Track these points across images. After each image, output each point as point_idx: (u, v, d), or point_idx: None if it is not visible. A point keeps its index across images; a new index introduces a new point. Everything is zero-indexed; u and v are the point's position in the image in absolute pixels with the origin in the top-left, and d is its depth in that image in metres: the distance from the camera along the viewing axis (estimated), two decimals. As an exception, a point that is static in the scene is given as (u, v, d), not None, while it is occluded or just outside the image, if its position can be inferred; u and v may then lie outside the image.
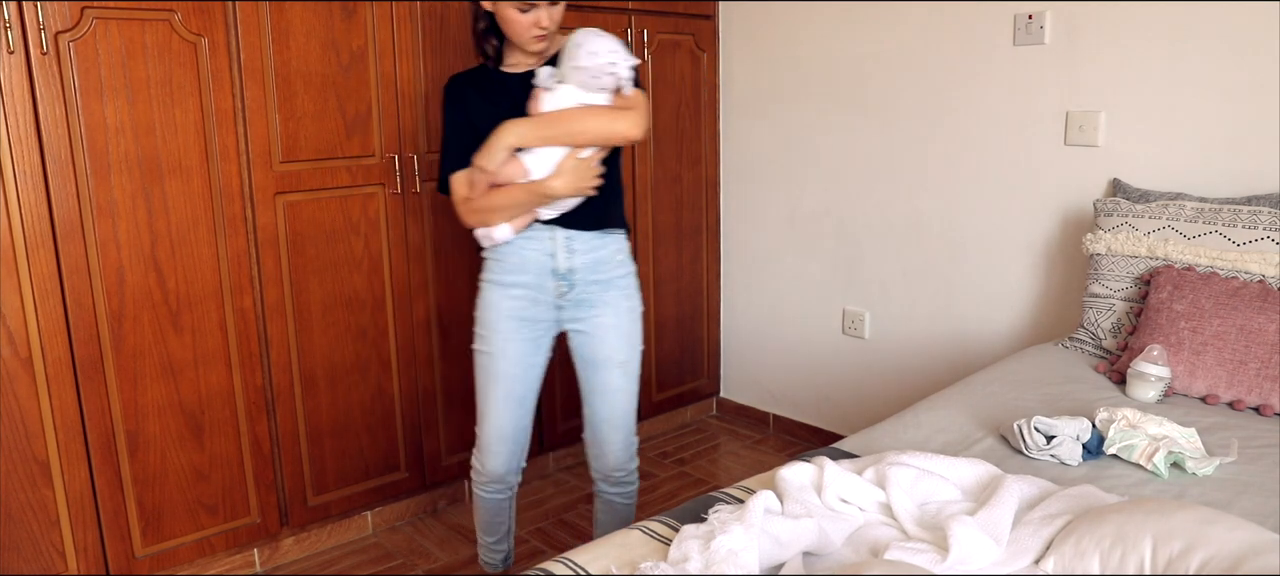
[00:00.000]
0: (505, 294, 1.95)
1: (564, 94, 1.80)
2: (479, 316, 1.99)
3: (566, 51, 1.81)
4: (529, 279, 1.93)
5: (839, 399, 3.21)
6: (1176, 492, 1.47)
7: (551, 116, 1.80)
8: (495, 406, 1.99)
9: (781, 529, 1.25)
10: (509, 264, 1.93)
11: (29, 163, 1.98)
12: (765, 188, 3.30)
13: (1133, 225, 2.20)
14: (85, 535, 2.16)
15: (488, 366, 1.98)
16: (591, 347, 1.98)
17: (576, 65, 1.78)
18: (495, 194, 1.83)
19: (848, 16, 2.94)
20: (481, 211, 1.87)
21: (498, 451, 2.03)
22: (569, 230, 1.91)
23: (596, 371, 2.00)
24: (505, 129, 1.79)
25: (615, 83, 1.82)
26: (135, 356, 2.17)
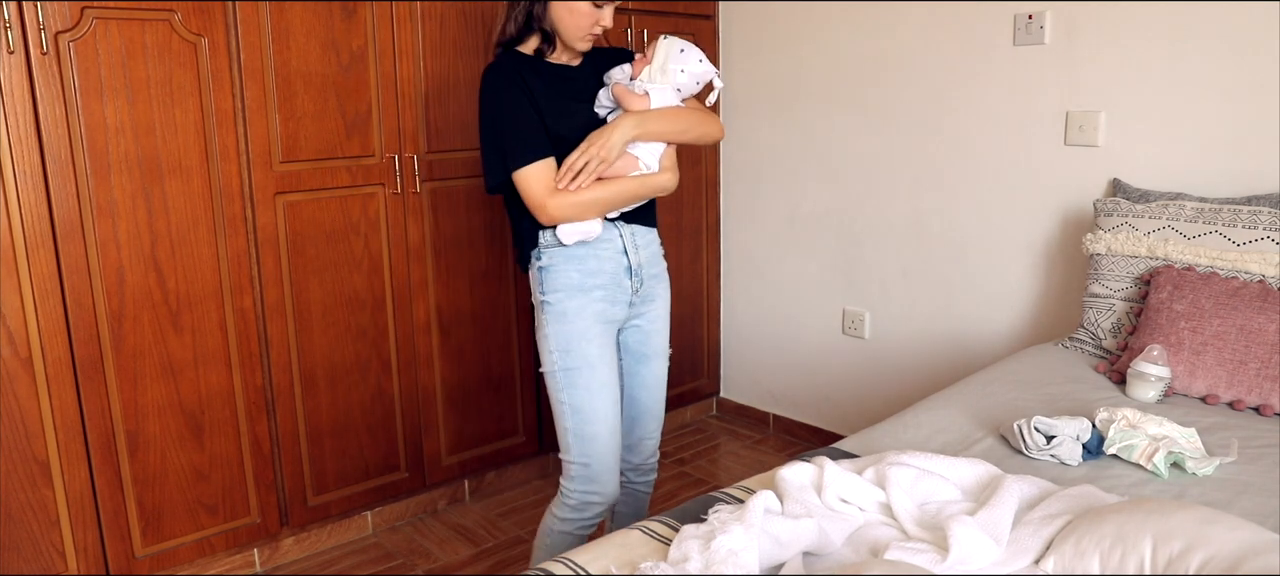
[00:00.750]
0: (589, 299, 1.83)
1: (664, 94, 1.84)
2: (557, 332, 1.82)
3: (669, 54, 1.84)
4: (607, 280, 1.85)
5: (839, 399, 3.21)
6: (1176, 493, 1.47)
7: (668, 113, 1.83)
8: (608, 419, 1.85)
9: (781, 529, 1.25)
10: (588, 266, 1.83)
11: (29, 163, 1.98)
12: (765, 188, 3.30)
13: (1133, 225, 2.20)
14: (85, 535, 2.16)
15: (589, 380, 1.82)
16: (645, 341, 1.97)
17: (684, 68, 1.84)
18: (600, 187, 1.78)
19: (848, 17, 2.94)
20: (579, 205, 1.76)
21: (614, 469, 1.87)
22: (633, 226, 1.90)
23: (647, 364, 1.98)
24: (626, 122, 1.78)
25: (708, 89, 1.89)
26: (135, 356, 2.17)
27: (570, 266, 1.82)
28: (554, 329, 1.83)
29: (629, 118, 1.78)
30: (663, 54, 1.85)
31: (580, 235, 1.79)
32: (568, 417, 1.84)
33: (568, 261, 1.82)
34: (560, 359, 1.83)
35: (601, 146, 1.75)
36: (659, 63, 1.85)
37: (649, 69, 1.85)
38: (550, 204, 1.75)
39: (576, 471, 1.86)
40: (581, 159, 1.75)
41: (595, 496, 1.87)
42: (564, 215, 1.76)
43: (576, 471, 1.86)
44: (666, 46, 1.85)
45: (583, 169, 1.75)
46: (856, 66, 2.94)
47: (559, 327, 1.82)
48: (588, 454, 1.85)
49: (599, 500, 1.87)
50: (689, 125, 1.86)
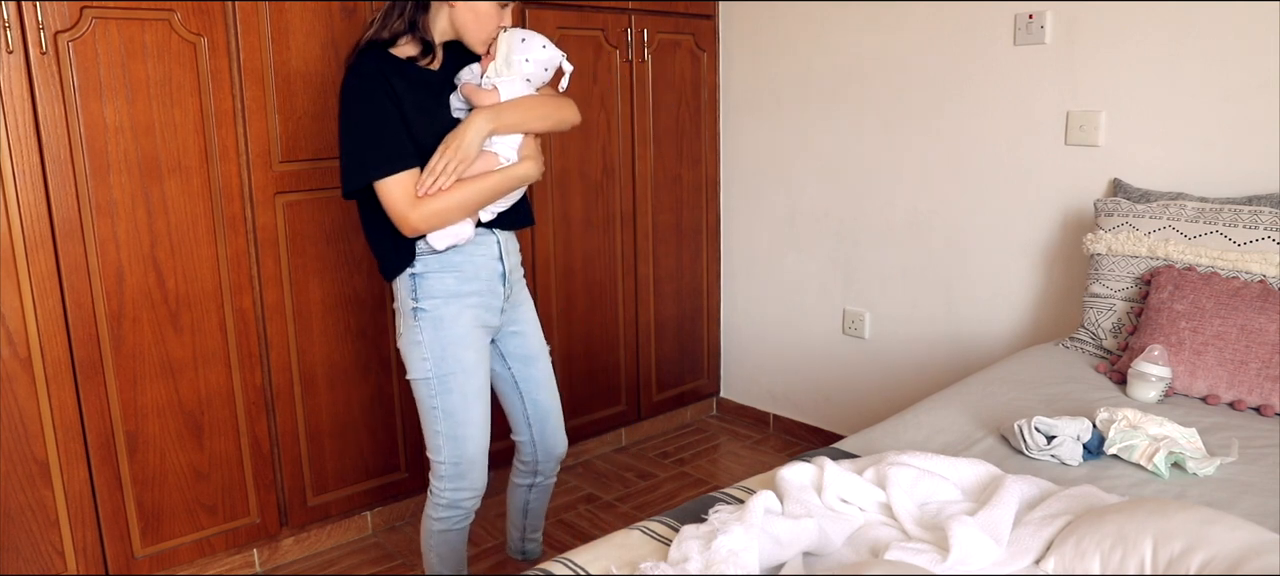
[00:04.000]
0: (464, 305, 1.83)
1: (513, 86, 1.82)
2: (433, 339, 1.81)
3: (511, 45, 1.82)
4: (482, 286, 1.86)
5: (839, 399, 3.21)
6: (1177, 493, 1.47)
7: (522, 103, 1.81)
8: (479, 423, 1.87)
9: (782, 529, 1.25)
10: (464, 272, 1.82)
11: (28, 163, 1.97)
12: (765, 188, 3.30)
13: (1133, 225, 2.19)
14: (84, 535, 2.16)
15: (464, 386, 1.84)
16: (526, 344, 2.01)
17: (529, 57, 1.82)
18: (460, 188, 1.74)
19: (848, 16, 2.94)
20: (443, 210, 1.73)
21: (482, 467, 1.92)
22: (506, 232, 1.91)
23: (534, 365, 2.03)
24: (479, 118, 1.75)
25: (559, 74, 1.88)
26: (134, 356, 2.17)
27: (446, 273, 1.81)
28: (430, 336, 1.81)
29: (481, 113, 1.76)
30: (505, 47, 1.82)
31: (452, 239, 1.78)
32: (440, 421, 1.85)
33: (444, 269, 1.81)
34: (434, 365, 1.82)
35: (458, 147, 1.72)
36: (503, 56, 1.82)
37: (494, 64, 1.83)
38: (412, 215, 1.71)
39: (446, 471, 1.89)
40: (440, 161, 1.72)
41: (464, 493, 1.91)
42: (428, 225, 1.73)
43: (446, 471, 1.89)
44: (508, 38, 1.83)
45: (443, 171, 1.72)
46: (857, 66, 2.94)
47: (436, 334, 1.81)
48: (458, 455, 1.87)
49: (469, 496, 1.92)
50: (544, 112, 1.85)
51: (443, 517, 1.94)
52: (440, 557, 1.99)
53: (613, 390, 3.20)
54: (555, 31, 2.78)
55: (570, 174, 2.92)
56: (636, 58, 3.04)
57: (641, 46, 3.04)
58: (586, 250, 3.02)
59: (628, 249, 3.15)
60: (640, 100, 3.08)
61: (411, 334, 1.83)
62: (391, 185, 1.70)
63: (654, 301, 3.28)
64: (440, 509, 1.93)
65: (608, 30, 2.93)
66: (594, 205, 3.01)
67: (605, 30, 2.92)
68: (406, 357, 1.86)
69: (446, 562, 1.99)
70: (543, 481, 2.19)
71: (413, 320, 1.82)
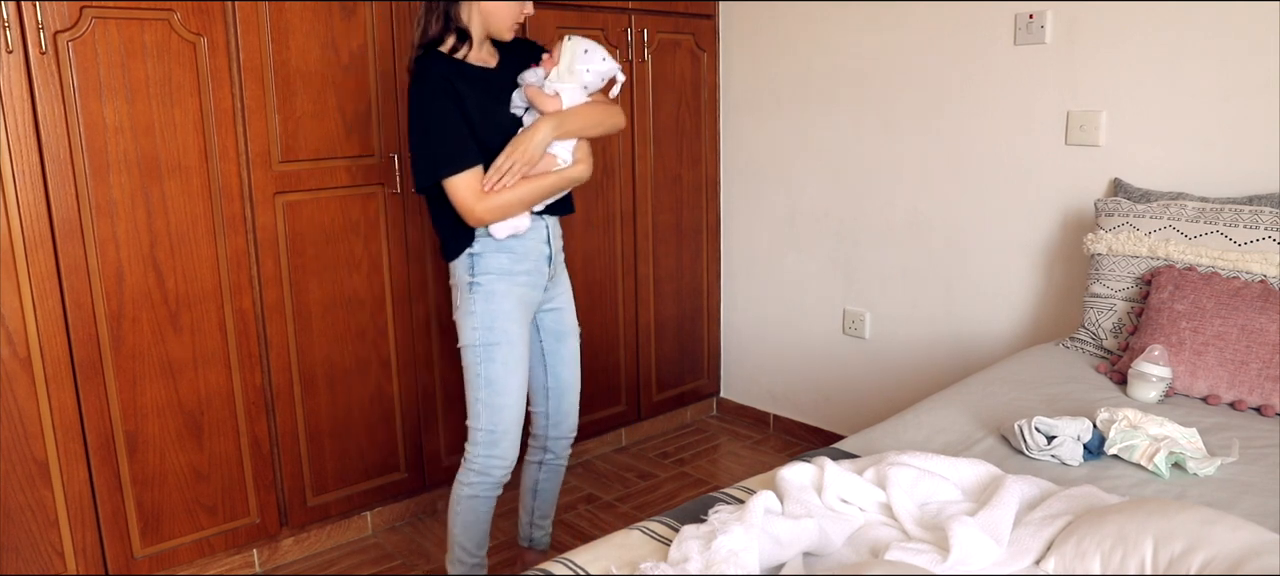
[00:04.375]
0: (513, 283, 1.99)
1: (573, 92, 1.98)
2: (484, 310, 1.97)
3: (574, 54, 1.97)
4: (531, 266, 2.02)
5: (839, 399, 3.21)
6: (1177, 493, 1.47)
7: (581, 111, 1.98)
8: (517, 393, 2.02)
9: (782, 529, 1.25)
10: (517, 254, 1.99)
11: (28, 163, 1.97)
12: (765, 188, 3.30)
13: (1134, 225, 2.19)
14: (84, 535, 2.16)
15: (507, 357, 1.99)
16: (561, 321, 2.15)
17: (589, 67, 1.97)
18: (524, 185, 1.92)
19: (848, 16, 2.93)
20: (506, 205, 1.90)
21: (516, 439, 2.04)
22: (552, 216, 2.07)
23: (564, 342, 2.17)
24: (544, 124, 1.92)
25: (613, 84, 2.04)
26: (134, 357, 2.17)
27: (501, 253, 1.98)
28: (482, 307, 1.97)
29: (548, 120, 1.93)
30: (568, 55, 1.97)
31: (511, 229, 1.95)
32: (482, 389, 1.99)
33: (499, 249, 1.98)
34: (484, 335, 1.97)
35: (525, 149, 1.90)
36: (566, 64, 1.97)
37: (556, 70, 1.98)
38: (478, 208, 1.88)
39: (482, 438, 2.02)
40: (507, 161, 1.89)
41: (497, 461, 2.03)
42: (491, 217, 1.91)
43: (482, 438, 2.02)
44: (572, 47, 1.98)
45: (508, 171, 1.89)
46: (857, 66, 2.94)
47: (487, 306, 1.97)
48: (495, 423, 2.01)
49: (500, 465, 2.04)
50: (599, 120, 2.01)
51: (473, 483, 2.05)
52: (464, 525, 2.09)
53: (613, 390, 3.20)
54: (555, 31, 2.78)
55: (570, 174, 2.92)
56: (636, 57, 3.03)
57: (641, 46, 3.04)
58: (586, 250, 3.02)
59: (628, 249, 3.15)
60: (640, 100, 3.08)
61: (466, 305, 1.99)
62: (459, 182, 1.87)
63: (654, 301, 3.28)
64: (472, 475, 2.04)
65: (608, 30, 2.93)
66: (594, 205, 3.01)
67: (605, 30, 2.92)
68: (460, 328, 2.02)
69: (469, 532, 2.09)
70: (552, 460, 2.28)
71: (468, 293, 1.98)
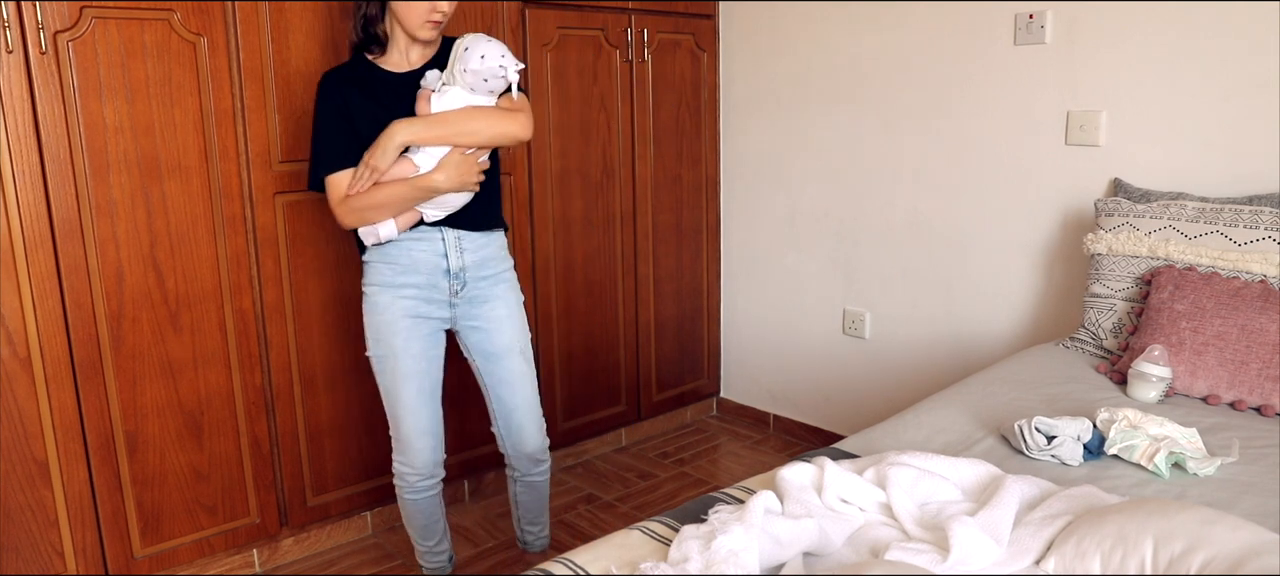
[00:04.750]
0: (397, 295, 1.97)
1: (453, 95, 1.86)
2: (369, 322, 2.00)
3: (455, 55, 1.86)
4: (421, 279, 1.97)
5: (839, 399, 3.21)
6: (1177, 493, 1.47)
7: (444, 116, 1.86)
8: (410, 404, 2.01)
9: (782, 529, 1.25)
10: (400, 265, 1.96)
11: (28, 163, 1.97)
12: (765, 188, 3.30)
13: (1134, 225, 2.19)
14: (84, 536, 2.16)
15: (393, 368, 1.99)
16: (490, 341, 2.07)
17: (466, 68, 1.83)
18: (378, 191, 1.87)
19: (848, 16, 2.93)
20: (362, 210, 1.88)
21: (421, 446, 2.05)
22: (459, 230, 1.98)
23: (499, 362, 2.09)
24: (397, 128, 1.83)
25: (504, 86, 1.87)
26: (134, 357, 2.17)
27: (383, 264, 1.97)
28: (368, 319, 2.01)
29: (398, 125, 1.84)
30: (452, 55, 1.87)
31: (374, 237, 1.92)
32: (383, 397, 2.05)
33: (382, 259, 1.97)
34: (372, 346, 2.02)
35: (370, 154, 1.85)
36: (450, 64, 1.87)
37: (447, 71, 1.87)
38: (338, 211, 1.91)
39: (393, 443, 2.09)
40: (360, 167, 1.86)
41: (406, 467, 2.08)
42: (349, 221, 1.91)
43: (393, 443, 2.09)
44: (455, 46, 1.87)
45: (360, 176, 1.86)
46: (857, 66, 2.94)
47: (371, 318, 2.00)
48: (397, 432, 2.06)
49: (410, 471, 2.08)
50: (471, 128, 1.86)
51: (396, 483, 2.13)
52: (407, 521, 2.19)
53: (613, 390, 3.20)
54: (555, 31, 2.78)
55: (570, 174, 2.92)
56: (636, 57, 3.03)
57: (641, 46, 3.04)
58: (587, 250, 3.02)
59: (628, 249, 3.15)
60: (640, 100, 3.08)
61: (363, 314, 2.03)
62: (328, 184, 1.92)
63: (654, 301, 3.28)
64: (394, 475, 2.13)
65: (608, 30, 2.93)
66: (594, 205, 3.01)
67: (605, 30, 2.92)
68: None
69: (412, 525, 2.18)
70: (525, 478, 2.25)
71: (363, 301, 2.03)
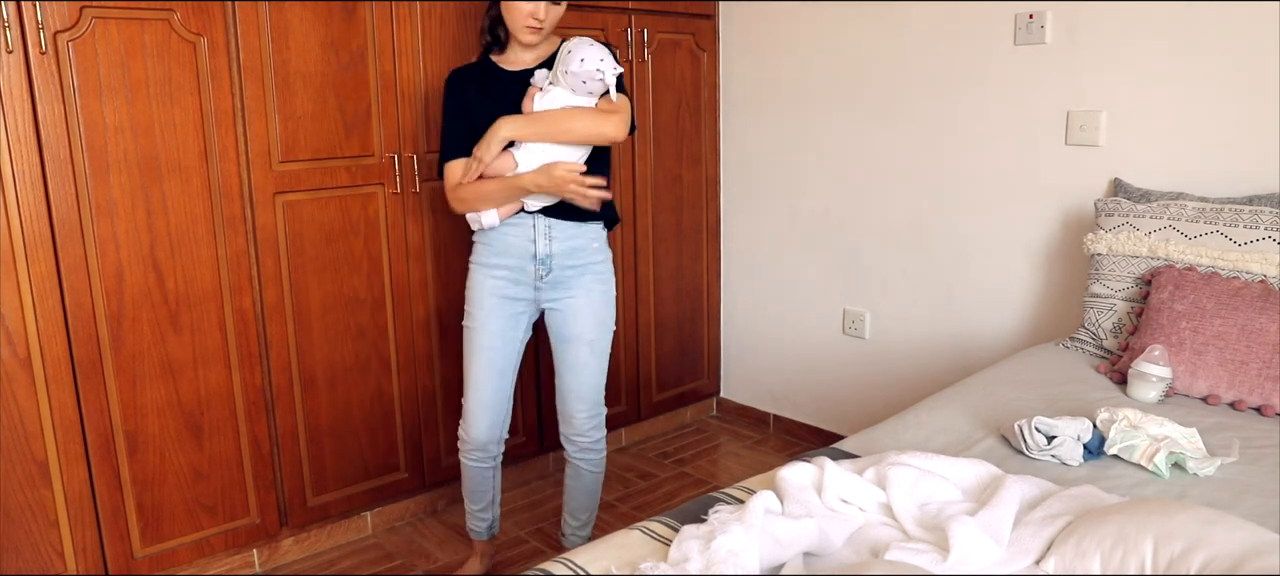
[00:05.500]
0: (489, 274, 2.13)
1: (555, 95, 1.97)
2: (467, 295, 2.18)
3: (559, 57, 1.99)
4: (511, 262, 2.12)
5: (839, 399, 3.21)
6: (1177, 493, 1.47)
7: (543, 115, 1.99)
8: (479, 375, 2.16)
9: (782, 529, 1.25)
10: (495, 248, 2.12)
11: (28, 163, 1.97)
12: (765, 188, 3.30)
13: (1134, 225, 2.19)
14: (84, 536, 2.16)
15: (472, 339, 2.16)
16: (564, 325, 2.17)
17: (567, 70, 1.95)
18: (481, 184, 2.03)
19: (848, 16, 2.93)
20: (468, 199, 2.06)
21: (479, 418, 2.19)
22: (551, 219, 2.10)
23: (567, 347, 2.19)
24: (501, 123, 1.98)
25: (603, 87, 2.00)
26: (134, 357, 2.17)
27: (483, 244, 2.15)
28: (467, 291, 2.19)
29: (503, 122, 1.98)
30: (558, 57, 2.00)
31: (476, 223, 2.09)
32: (464, 362, 2.20)
33: (483, 240, 2.15)
34: (465, 316, 2.19)
35: (479, 147, 2.00)
36: (555, 66, 2.01)
37: (553, 72, 1.99)
38: (450, 197, 2.11)
39: (463, 408, 2.23)
40: (472, 159, 2.01)
41: (466, 433, 2.23)
42: (457, 208, 2.10)
43: (463, 408, 2.23)
44: (561, 49, 2.00)
45: (467, 168, 2.03)
46: (857, 66, 2.94)
47: (469, 290, 2.18)
48: (466, 396, 2.20)
49: (466, 439, 2.23)
50: (568, 127, 1.99)
51: (462, 451, 2.27)
52: (463, 482, 2.32)
53: (613, 390, 3.20)
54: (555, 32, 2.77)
55: (570, 174, 2.92)
56: (636, 58, 3.03)
57: (641, 46, 3.04)
58: (586, 250, 3.02)
59: (627, 249, 3.15)
60: (640, 100, 3.08)
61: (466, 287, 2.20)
62: (445, 171, 2.11)
63: (654, 301, 3.28)
64: (460, 442, 2.27)
65: (608, 30, 2.93)
66: (594, 205, 3.01)
67: (605, 30, 2.92)
68: None
69: (465, 488, 2.32)
70: (574, 458, 2.30)
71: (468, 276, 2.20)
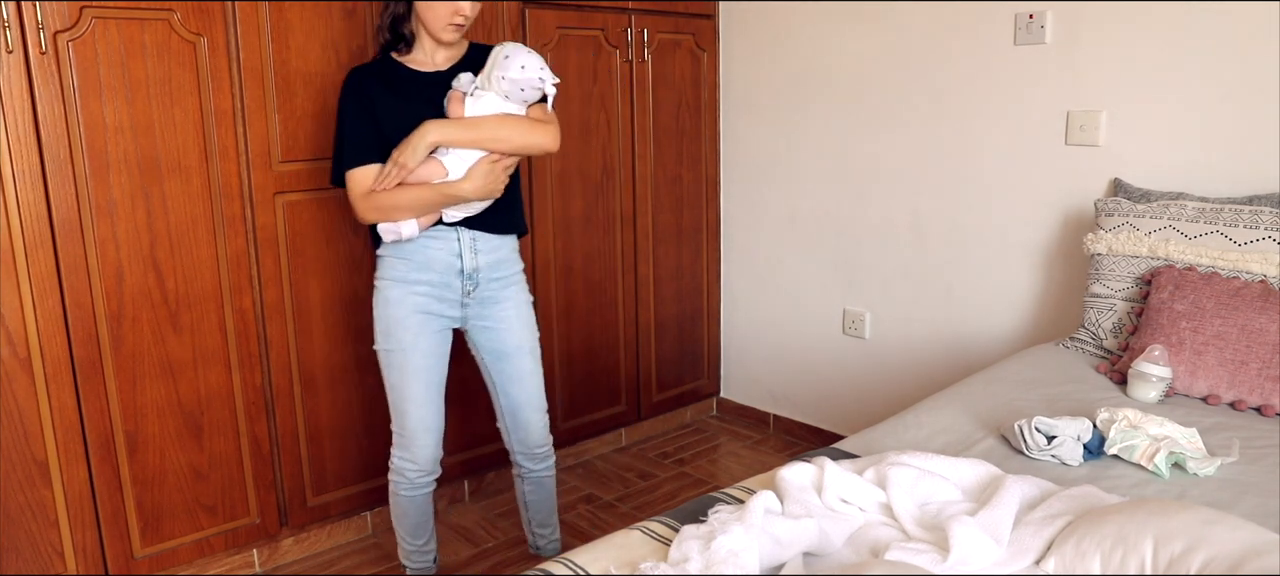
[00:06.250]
0: (409, 291, 1.98)
1: (487, 101, 1.86)
2: (380, 315, 2.01)
3: (495, 61, 1.88)
4: (434, 277, 1.98)
5: (839, 399, 3.21)
6: (1177, 493, 1.47)
7: (478, 121, 1.87)
8: (416, 399, 2.03)
9: (782, 529, 1.25)
10: (414, 262, 1.97)
11: (28, 163, 1.97)
12: (765, 188, 3.30)
13: (1134, 225, 2.19)
14: (84, 535, 2.16)
15: (402, 363, 2.00)
16: (500, 340, 2.09)
17: (505, 75, 1.85)
18: (402, 192, 1.87)
19: (848, 16, 2.93)
20: (385, 208, 1.89)
21: (425, 442, 2.06)
22: (475, 232, 1.99)
23: (509, 361, 2.11)
24: (428, 128, 1.84)
25: (539, 96, 1.90)
26: (134, 357, 2.17)
27: (399, 259, 1.98)
28: (379, 312, 2.02)
29: (433, 125, 1.85)
30: (490, 61, 1.88)
31: (394, 234, 1.92)
32: (389, 391, 2.05)
33: (398, 255, 1.97)
34: (381, 340, 2.03)
35: (400, 152, 1.85)
36: (486, 70, 1.88)
37: (482, 77, 1.88)
38: (359, 206, 1.92)
39: (394, 437, 2.09)
40: (388, 165, 1.86)
41: (407, 462, 2.08)
42: (369, 217, 1.92)
43: (394, 437, 2.09)
44: (495, 53, 1.88)
45: (386, 174, 1.86)
46: (857, 66, 2.94)
47: (383, 311, 2.00)
48: (402, 427, 2.06)
49: (411, 466, 2.08)
50: (503, 135, 1.88)
51: (393, 479, 2.12)
52: (396, 518, 2.17)
53: (613, 390, 3.20)
54: (555, 31, 2.78)
55: (570, 174, 2.92)
56: (636, 58, 3.03)
57: (641, 46, 3.04)
58: (586, 250, 3.02)
59: (628, 249, 3.15)
60: (640, 100, 3.08)
61: (374, 307, 2.03)
62: (350, 178, 1.92)
63: (654, 301, 3.28)
64: (391, 471, 2.12)
65: (608, 30, 2.93)
66: (594, 205, 3.01)
67: (605, 30, 2.92)
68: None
69: (402, 523, 2.16)
70: (532, 474, 2.25)
71: (374, 295, 2.03)
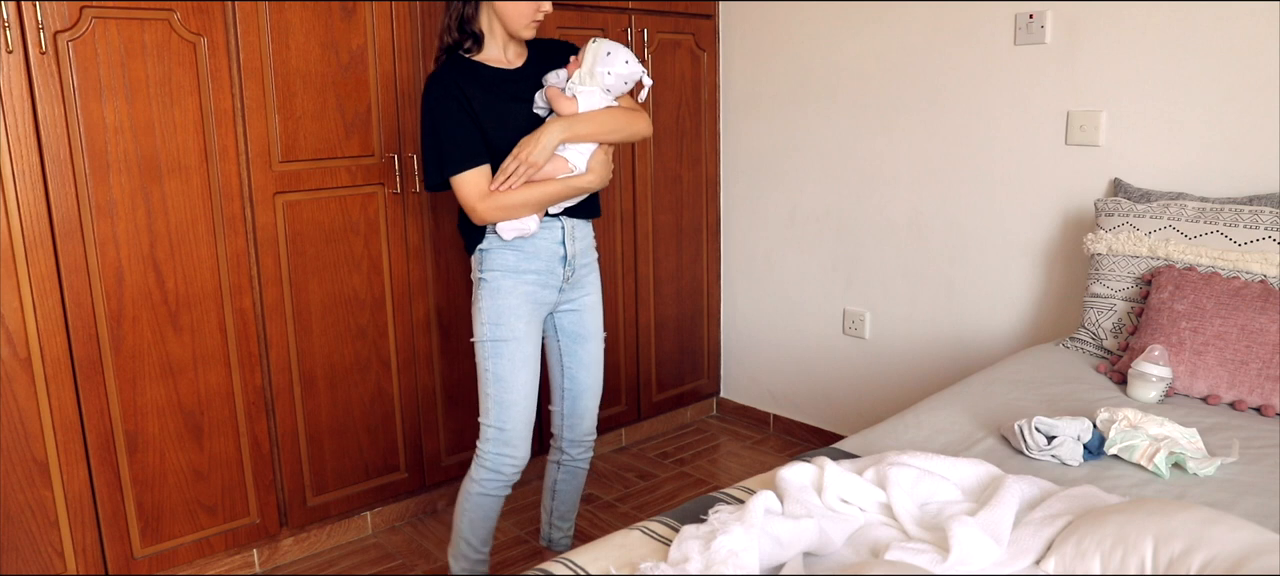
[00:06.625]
0: (520, 281, 1.99)
1: (593, 96, 1.94)
2: (490, 306, 1.98)
3: (596, 57, 1.94)
4: (541, 265, 2.01)
5: (839, 399, 3.21)
6: (1177, 493, 1.47)
7: (593, 116, 1.94)
8: (523, 392, 2.00)
9: (782, 529, 1.25)
10: (525, 253, 1.99)
11: (28, 163, 1.97)
12: (765, 188, 3.30)
13: (1134, 225, 2.19)
14: (84, 536, 2.16)
15: (513, 353, 1.98)
16: (581, 323, 2.13)
17: (610, 70, 1.93)
18: (526, 189, 1.91)
19: (848, 16, 2.93)
20: (510, 206, 1.90)
21: (526, 437, 2.03)
22: (573, 219, 2.04)
23: (583, 344, 2.14)
24: (553, 126, 1.90)
25: (639, 87, 2.00)
26: (134, 357, 2.17)
27: (507, 251, 1.98)
28: (489, 303, 1.98)
29: (556, 123, 1.90)
30: (591, 57, 1.94)
31: (517, 231, 1.94)
32: (491, 385, 2.00)
33: (506, 247, 1.98)
34: (490, 331, 1.98)
35: (530, 152, 1.88)
36: (588, 66, 1.95)
37: (579, 72, 1.95)
38: (480, 207, 1.90)
39: (493, 435, 2.01)
40: (513, 163, 1.88)
41: (508, 459, 2.02)
42: (493, 217, 1.91)
43: (493, 435, 2.01)
44: (594, 49, 1.95)
45: (513, 173, 1.88)
46: (857, 66, 2.94)
47: (493, 303, 1.98)
48: (504, 420, 2.00)
49: (511, 464, 2.03)
50: (616, 126, 1.97)
51: (483, 480, 2.04)
52: (471, 522, 2.08)
53: (613, 390, 3.20)
54: (555, 32, 2.78)
55: (570, 174, 2.92)
56: (636, 58, 3.03)
57: (641, 46, 3.04)
58: (586, 250, 3.02)
59: (628, 249, 3.15)
60: (640, 100, 3.08)
61: (476, 301, 2.01)
62: (463, 181, 1.90)
63: (654, 301, 3.28)
64: (483, 472, 2.03)
65: (608, 30, 2.93)
66: (594, 205, 3.01)
67: (605, 30, 2.92)
68: (473, 321, 2.03)
69: (475, 529, 2.09)
70: (569, 462, 2.26)
71: (478, 289, 2.01)
